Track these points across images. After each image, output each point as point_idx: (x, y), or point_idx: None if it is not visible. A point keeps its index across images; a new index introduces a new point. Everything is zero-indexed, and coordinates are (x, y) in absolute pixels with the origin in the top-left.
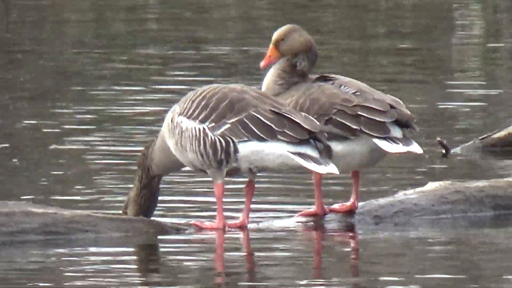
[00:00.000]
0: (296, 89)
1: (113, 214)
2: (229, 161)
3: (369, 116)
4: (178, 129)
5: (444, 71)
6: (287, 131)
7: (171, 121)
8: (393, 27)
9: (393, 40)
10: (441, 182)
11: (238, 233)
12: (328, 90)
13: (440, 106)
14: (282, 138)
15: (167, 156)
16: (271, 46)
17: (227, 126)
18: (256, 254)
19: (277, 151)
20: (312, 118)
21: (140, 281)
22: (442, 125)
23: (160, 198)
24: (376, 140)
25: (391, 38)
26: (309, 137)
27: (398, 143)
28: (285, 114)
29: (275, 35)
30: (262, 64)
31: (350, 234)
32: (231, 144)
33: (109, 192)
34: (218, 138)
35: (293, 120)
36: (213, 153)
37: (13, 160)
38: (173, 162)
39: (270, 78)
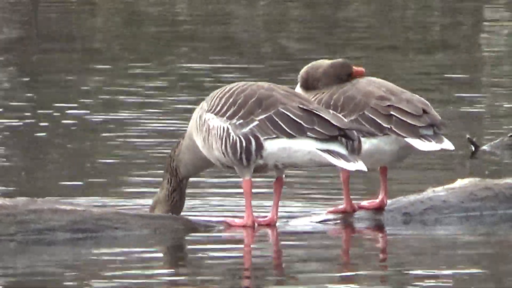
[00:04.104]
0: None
1: (142, 211)
2: (250, 160)
3: (401, 118)
4: (206, 126)
5: (473, 69)
6: (316, 128)
7: (199, 118)
8: (422, 23)
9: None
10: (470, 179)
11: (267, 230)
12: (363, 88)
13: (469, 103)
14: (311, 134)
15: (196, 154)
16: None
17: (255, 123)
18: (285, 251)
19: (305, 148)
20: (340, 116)
21: (168, 279)
22: (471, 122)
23: (191, 195)
24: (408, 139)
25: (420, 33)
26: (338, 134)
27: (430, 141)
28: (314, 111)
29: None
30: None
31: (379, 231)
32: (253, 143)
33: (140, 188)
34: (239, 137)
35: (322, 117)
36: (233, 153)
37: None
38: (202, 160)
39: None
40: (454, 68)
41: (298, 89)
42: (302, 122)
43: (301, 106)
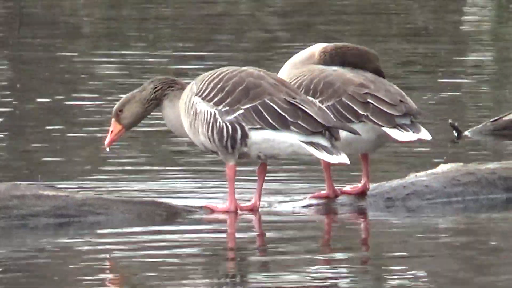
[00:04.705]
0: (310, 69)
1: (125, 196)
2: (235, 147)
3: (378, 106)
4: (193, 110)
5: (456, 54)
6: (300, 123)
7: (188, 101)
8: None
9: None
10: (453, 164)
11: (249, 216)
12: (343, 75)
13: (452, 89)
14: (294, 129)
15: (178, 124)
16: None
17: (241, 111)
18: (268, 236)
19: (288, 140)
20: (326, 110)
21: (151, 264)
22: (454, 107)
23: (173, 180)
24: (385, 128)
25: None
26: (322, 130)
27: (408, 131)
28: (300, 106)
29: None
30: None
31: (362, 216)
32: (239, 131)
33: (121, 176)
34: (226, 124)
35: (307, 112)
36: (218, 139)
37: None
38: (175, 128)
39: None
40: (436, 55)
41: (284, 72)
42: (286, 116)
43: (287, 98)
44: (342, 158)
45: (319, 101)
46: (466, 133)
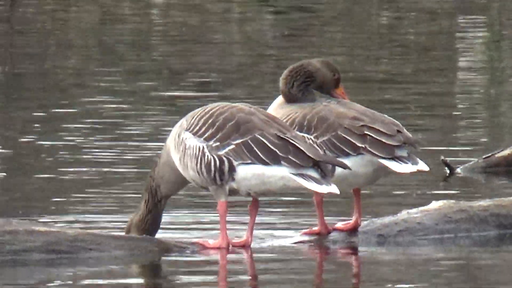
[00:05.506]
0: (301, 106)
1: (117, 232)
2: (223, 179)
3: (376, 137)
4: (183, 146)
5: (446, 92)
6: (291, 157)
7: (178, 136)
8: (393, 47)
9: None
10: (445, 201)
11: (241, 252)
12: (336, 109)
13: (444, 124)
14: (285, 163)
15: (176, 170)
16: None
17: (232, 147)
18: (259, 273)
19: (278, 173)
20: (316, 147)
21: None
22: (446, 144)
23: (164, 216)
24: (383, 161)
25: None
26: (312, 165)
27: (406, 163)
28: (290, 140)
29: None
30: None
31: (354, 253)
32: (226, 164)
33: (114, 211)
34: (214, 157)
35: (297, 147)
36: (207, 172)
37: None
38: (181, 175)
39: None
40: (427, 92)
41: (270, 112)
42: (277, 151)
43: (278, 133)
44: (332, 188)
45: (314, 137)
46: (458, 170)
